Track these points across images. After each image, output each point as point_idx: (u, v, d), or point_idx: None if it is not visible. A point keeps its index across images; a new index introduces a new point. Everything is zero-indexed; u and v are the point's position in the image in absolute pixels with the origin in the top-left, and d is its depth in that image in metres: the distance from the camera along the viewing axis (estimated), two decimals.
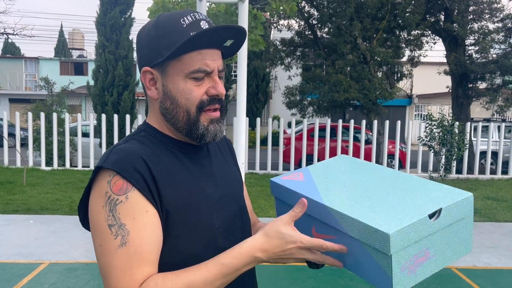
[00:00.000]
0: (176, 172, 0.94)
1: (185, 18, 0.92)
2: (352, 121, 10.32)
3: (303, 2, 11.93)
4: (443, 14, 11.83)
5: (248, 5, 4.35)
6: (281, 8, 5.93)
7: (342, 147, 10.33)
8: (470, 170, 10.68)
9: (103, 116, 10.14)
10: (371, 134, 11.01)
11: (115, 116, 10.08)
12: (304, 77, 13.04)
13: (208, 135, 0.97)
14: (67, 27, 51.13)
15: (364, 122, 10.33)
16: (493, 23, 11.52)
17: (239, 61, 4.22)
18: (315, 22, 12.51)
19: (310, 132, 10.71)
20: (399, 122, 10.30)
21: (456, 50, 11.40)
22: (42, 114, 9.98)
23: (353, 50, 11.44)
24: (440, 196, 0.90)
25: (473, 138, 11.30)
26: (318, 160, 10.08)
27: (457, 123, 9.61)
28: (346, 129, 10.77)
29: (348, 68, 11.70)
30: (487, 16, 11.37)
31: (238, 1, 4.21)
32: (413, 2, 11.14)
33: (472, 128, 11.37)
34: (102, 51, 10.90)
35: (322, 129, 10.68)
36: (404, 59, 13.25)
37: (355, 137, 10.69)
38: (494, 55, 11.45)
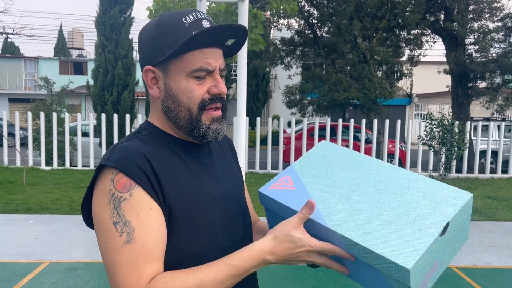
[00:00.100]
0: (178, 171, 0.94)
1: (187, 17, 0.92)
2: (352, 121, 10.32)
3: (303, 1, 11.93)
4: (443, 13, 11.82)
5: (248, 5, 4.35)
6: (281, 7, 5.93)
7: None
8: (470, 169, 10.70)
9: (103, 115, 10.14)
10: (371, 133, 11.01)
11: (115, 116, 10.07)
12: (304, 77, 13.03)
13: (210, 134, 0.97)
14: (67, 27, 51.09)
15: (364, 121, 10.33)
16: (493, 22, 11.52)
17: (239, 61, 4.22)
18: (315, 21, 12.51)
19: (310, 131, 10.72)
20: (399, 122, 10.31)
21: (456, 49, 11.40)
22: (42, 114, 9.97)
23: (353, 49, 11.44)
24: (442, 203, 0.87)
25: (473, 137, 11.31)
26: None
27: (457, 122, 9.59)
28: (346, 128, 10.77)
29: (348, 68, 11.70)
30: (487, 15, 11.37)
31: (238, 1, 4.21)
32: (413, 1, 11.14)
33: (472, 127, 11.38)
34: (102, 51, 10.89)
35: (322, 128, 10.68)
36: (404, 59, 13.25)
37: (355, 136, 10.69)
38: (494, 54, 11.45)
